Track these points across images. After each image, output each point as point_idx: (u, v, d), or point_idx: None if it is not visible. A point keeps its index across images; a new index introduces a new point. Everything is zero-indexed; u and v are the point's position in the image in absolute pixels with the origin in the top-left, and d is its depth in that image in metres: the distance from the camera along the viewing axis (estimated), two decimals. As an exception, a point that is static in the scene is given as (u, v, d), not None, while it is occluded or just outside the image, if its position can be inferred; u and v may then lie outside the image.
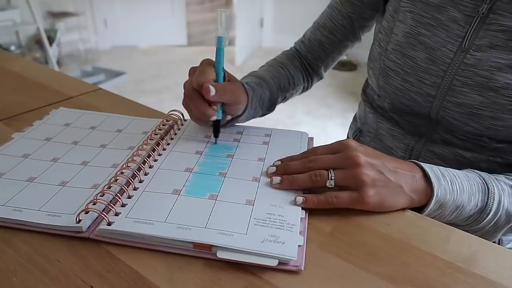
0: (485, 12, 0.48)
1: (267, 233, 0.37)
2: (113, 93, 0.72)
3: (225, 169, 0.47)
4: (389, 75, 0.58)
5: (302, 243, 0.36)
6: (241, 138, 0.55)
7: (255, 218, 0.39)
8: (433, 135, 0.57)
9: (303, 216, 0.40)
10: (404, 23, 0.56)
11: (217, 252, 0.35)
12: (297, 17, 3.64)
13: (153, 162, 0.48)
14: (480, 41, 0.49)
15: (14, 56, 1.01)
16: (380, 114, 0.65)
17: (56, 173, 0.46)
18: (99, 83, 2.84)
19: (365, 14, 0.66)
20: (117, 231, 0.37)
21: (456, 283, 0.34)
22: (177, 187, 0.43)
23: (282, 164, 0.47)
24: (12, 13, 2.70)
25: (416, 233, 0.39)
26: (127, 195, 0.41)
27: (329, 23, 0.70)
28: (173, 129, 0.56)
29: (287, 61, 0.72)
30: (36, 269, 0.34)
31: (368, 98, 0.69)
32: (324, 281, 0.33)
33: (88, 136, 0.55)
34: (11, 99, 0.67)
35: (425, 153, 0.59)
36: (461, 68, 0.51)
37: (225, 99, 0.49)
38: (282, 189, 0.44)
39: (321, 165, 0.44)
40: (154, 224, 0.37)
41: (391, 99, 0.60)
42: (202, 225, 0.37)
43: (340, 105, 2.64)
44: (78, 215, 0.38)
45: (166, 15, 3.95)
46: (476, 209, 0.45)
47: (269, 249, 0.35)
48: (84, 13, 3.37)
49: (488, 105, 0.49)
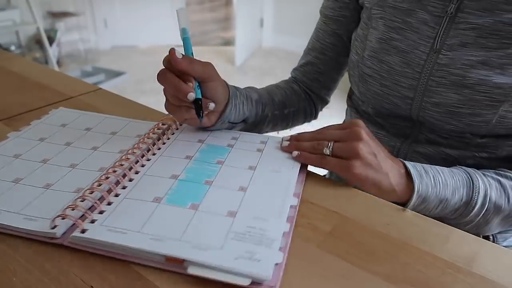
0: (453, 11, 0.49)
1: (243, 249, 0.34)
2: (113, 93, 0.72)
3: (212, 177, 0.45)
4: (367, 81, 0.59)
5: (281, 261, 0.34)
6: (235, 143, 0.53)
7: (234, 232, 0.37)
8: (418, 136, 0.58)
9: (286, 230, 0.38)
10: (377, 30, 0.57)
11: (188, 267, 0.33)
12: (297, 17, 3.64)
13: (140, 168, 0.46)
14: (451, 41, 0.50)
15: (14, 56, 1.01)
16: (365, 119, 0.65)
17: (42, 175, 0.45)
18: (99, 83, 2.84)
19: (350, 27, 0.66)
20: (89, 239, 0.35)
21: (456, 283, 0.34)
22: (159, 195, 0.42)
23: (296, 135, 0.52)
24: (12, 13, 2.70)
25: (416, 233, 0.39)
26: (107, 202, 0.40)
27: (317, 44, 0.71)
28: (167, 134, 0.54)
29: (283, 84, 0.73)
30: (36, 269, 0.34)
31: (353, 104, 0.69)
32: (323, 280, 0.33)
33: (82, 138, 0.54)
34: (11, 99, 0.67)
35: (411, 154, 0.60)
36: (435, 68, 0.52)
37: (196, 69, 0.46)
38: (288, 151, 0.50)
39: (327, 137, 0.48)
40: (128, 234, 0.36)
41: (373, 104, 0.61)
42: (177, 237, 0.36)
43: (340, 105, 2.63)
44: (53, 221, 0.37)
45: (166, 15, 3.95)
46: (461, 203, 0.47)
47: (242, 267, 0.32)
48: (84, 13, 3.37)
49: (465, 103, 0.50)
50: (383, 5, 0.56)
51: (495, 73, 0.48)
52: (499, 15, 0.47)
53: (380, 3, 0.56)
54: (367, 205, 0.43)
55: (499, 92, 0.48)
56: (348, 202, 0.43)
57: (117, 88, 2.93)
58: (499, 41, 0.47)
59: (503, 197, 0.47)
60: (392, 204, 0.44)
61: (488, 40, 0.48)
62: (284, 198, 0.42)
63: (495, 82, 0.48)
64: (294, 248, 0.37)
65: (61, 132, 0.56)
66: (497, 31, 0.47)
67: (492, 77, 0.48)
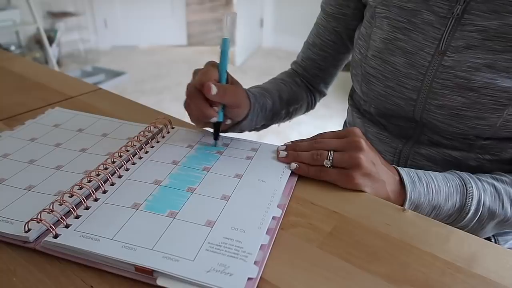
0: (460, 13, 0.49)
1: (216, 262, 0.33)
2: (113, 93, 0.72)
3: (196, 184, 0.44)
4: (370, 81, 0.59)
5: (255, 276, 0.32)
6: (225, 150, 0.52)
7: (209, 243, 0.35)
8: (421, 137, 0.58)
9: (265, 243, 0.36)
10: (381, 29, 0.56)
11: (157, 278, 0.32)
12: (297, 17, 3.64)
13: (123, 172, 0.45)
14: (456, 43, 0.49)
15: (14, 56, 1.01)
16: (367, 119, 0.65)
17: (26, 176, 0.45)
18: (99, 83, 2.84)
19: (350, 25, 0.66)
20: (61, 244, 0.34)
21: (456, 283, 0.34)
22: (138, 200, 0.40)
23: (293, 144, 0.51)
24: (12, 13, 2.70)
25: (416, 233, 0.39)
26: (85, 206, 0.39)
27: (318, 40, 0.71)
28: (156, 137, 0.53)
29: (288, 78, 0.73)
30: (36, 269, 0.34)
31: (355, 103, 0.69)
32: (324, 281, 0.33)
33: (72, 139, 0.53)
34: (11, 99, 0.67)
35: (413, 155, 0.59)
36: (440, 70, 0.51)
37: (226, 100, 0.49)
38: (287, 162, 0.49)
39: (325, 147, 0.48)
40: (100, 241, 0.35)
41: (376, 104, 0.61)
42: (149, 246, 0.34)
43: (340, 105, 2.64)
44: (27, 224, 0.36)
45: (166, 15, 3.96)
46: (454, 209, 0.47)
47: (213, 281, 0.31)
48: (84, 13, 3.37)
49: (470, 106, 0.50)
50: (388, 4, 0.55)
51: (500, 76, 0.47)
52: (506, 18, 0.46)
53: (385, 2, 0.55)
54: (367, 205, 0.43)
55: (505, 95, 0.48)
56: (348, 202, 0.43)
57: (117, 88, 2.94)
58: (506, 44, 0.47)
59: (497, 202, 0.47)
60: (392, 204, 0.44)
61: (494, 42, 0.47)
62: (267, 209, 0.41)
63: (501, 85, 0.47)
64: (294, 248, 0.37)
65: (52, 132, 0.55)
66: (503, 33, 0.46)
67: (498, 80, 0.47)
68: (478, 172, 0.51)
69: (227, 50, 0.48)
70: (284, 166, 0.48)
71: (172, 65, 3.50)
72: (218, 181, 0.45)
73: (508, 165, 0.54)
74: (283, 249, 0.36)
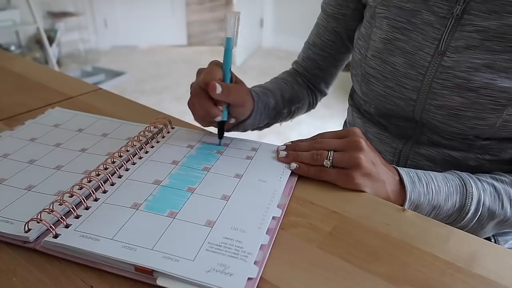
0: (459, 13, 0.49)
1: (216, 262, 0.33)
2: (113, 93, 0.72)
3: (196, 184, 0.44)
4: (370, 81, 0.59)
5: (255, 276, 0.32)
6: (226, 150, 0.52)
7: (209, 243, 0.35)
8: (420, 137, 0.58)
9: (265, 243, 0.36)
10: (381, 29, 0.56)
11: (157, 278, 0.32)
12: (297, 17, 3.64)
13: (123, 172, 0.45)
14: (456, 43, 0.49)
15: (14, 56, 1.01)
16: (367, 119, 0.65)
17: (26, 176, 0.45)
18: (99, 83, 2.84)
19: (350, 26, 0.67)
20: (61, 244, 0.34)
21: (456, 283, 0.34)
22: (138, 200, 0.40)
23: (293, 144, 0.51)
24: (12, 13, 2.70)
25: (416, 233, 0.39)
26: (85, 206, 0.39)
27: (318, 40, 0.71)
28: (156, 137, 0.53)
29: (289, 77, 0.73)
30: (36, 269, 0.34)
31: (355, 103, 0.70)
32: (324, 281, 0.33)
33: (72, 139, 0.53)
34: (11, 99, 0.67)
35: (413, 155, 0.59)
36: (439, 70, 0.51)
37: (231, 99, 0.49)
38: (287, 162, 0.49)
39: (325, 147, 0.48)
40: (100, 241, 0.35)
41: (376, 104, 0.61)
42: (149, 246, 0.34)
43: (340, 105, 2.64)
44: (27, 224, 0.36)
45: (166, 15, 3.96)
46: (454, 209, 0.47)
47: (212, 281, 0.31)
48: (84, 13, 3.37)
49: (470, 106, 0.50)
50: (388, 4, 0.55)
51: (500, 76, 0.47)
52: (506, 18, 0.46)
53: (384, 2, 0.56)
54: (367, 205, 0.43)
55: (504, 96, 0.48)
56: (348, 202, 0.43)
57: (117, 88, 2.94)
58: (505, 44, 0.47)
59: (497, 202, 0.48)
60: (392, 204, 0.44)
61: (494, 43, 0.47)
62: (267, 209, 0.41)
63: (500, 86, 0.47)
64: (294, 248, 0.37)
65: (52, 132, 0.55)
66: (503, 34, 0.47)
67: (497, 80, 0.47)
68: (478, 172, 0.51)
69: (231, 49, 0.48)
70: (284, 166, 0.48)
71: (172, 65, 3.50)
72: (218, 181, 0.45)
73: (507, 165, 0.54)
74: (283, 249, 0.36)
